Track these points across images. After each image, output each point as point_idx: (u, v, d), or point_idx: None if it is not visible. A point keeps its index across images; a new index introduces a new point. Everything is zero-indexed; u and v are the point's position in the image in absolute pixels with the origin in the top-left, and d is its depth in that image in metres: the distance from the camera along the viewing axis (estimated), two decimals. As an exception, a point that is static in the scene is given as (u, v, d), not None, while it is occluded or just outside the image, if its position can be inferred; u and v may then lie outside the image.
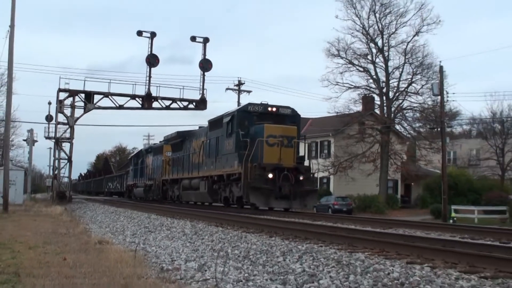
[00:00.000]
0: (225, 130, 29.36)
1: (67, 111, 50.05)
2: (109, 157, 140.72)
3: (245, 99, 58.56)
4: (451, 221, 31.78)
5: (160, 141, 50.83)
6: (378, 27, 53.65)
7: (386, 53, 53.53)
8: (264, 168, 26.06)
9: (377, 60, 54.00)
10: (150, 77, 50.42)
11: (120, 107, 50.89)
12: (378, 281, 7.62)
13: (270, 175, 25.82)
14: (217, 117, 32.20)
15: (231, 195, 28.95)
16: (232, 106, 43.07)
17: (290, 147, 27.09)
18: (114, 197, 72.12)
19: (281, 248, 11.49)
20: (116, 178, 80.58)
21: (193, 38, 51.38)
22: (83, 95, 50.15)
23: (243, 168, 26.01)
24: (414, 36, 52.41)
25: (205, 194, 32.42)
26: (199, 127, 38.69)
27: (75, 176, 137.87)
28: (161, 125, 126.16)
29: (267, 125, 26.90)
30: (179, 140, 39.94)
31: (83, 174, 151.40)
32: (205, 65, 51.18)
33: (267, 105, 28.61)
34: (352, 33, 54.02)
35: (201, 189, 33.03)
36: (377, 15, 53.46)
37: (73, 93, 49.96)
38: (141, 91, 50.85)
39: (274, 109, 28.38)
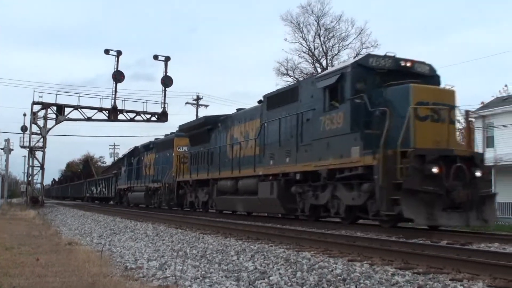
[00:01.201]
0: (321, 100, 17.26)
1: (40, 122, 49.75)
2: (90, 159, 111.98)
3: (203, 112, 58.45)
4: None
5: (166, 135, 39.54)
6: (323, 49, 54.22)
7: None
8: (422, 158, 13.89)
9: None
10: (116, 91, 50.37)
11: (89, 119, 50.51)
12: (322, 277, 7.61)
13: (435, 169, 13.72)
14: (285, 87, 22.49)
15: (337, 203, 16.69)
16: (191, 120, 40.07)
17: (451, 123, 15.27)
18: (97, 204, 56.95)
19: (235, 248, 11.43)
20: (101, 181, 63.44)
21: (155, 57, 51.91)
22: (55, 107, 49.81)
23: (380, 156, 14.09)
24: (354, 57, 52.87)
25: (274, 201, 19.67)
26: (237, 109, 26.30)
27: (48, 181, 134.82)
28: (125, 135, 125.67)
29: (415, 86, 14.98)
30: (205, 129, 27.58)
31: (56, 179, 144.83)
32: (167, 81, 51.46)
33: (398, 59, 16.58)
34: (299, 54, 54.45)
35: (262, 193, 20.37)
36: (322, 38, 54.03)
37: (45, 106, 49.57)
38: (107, 104, 50.69)
39: (408, 63, 16.50)
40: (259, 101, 22.52)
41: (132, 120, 51.79)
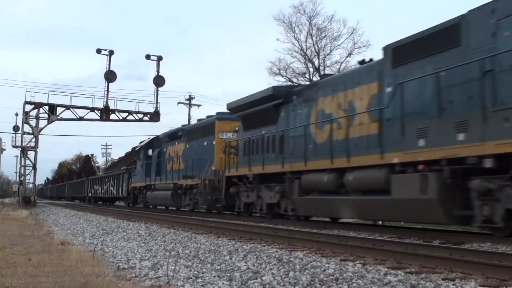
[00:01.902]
0: None
1: (32, 122, 49.64)
2: (91, 157, 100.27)
3: (195, 112, 58.18)
4: (380, 222, 32.06)
5: (200, 119, 32.36)
6: (315, 49, 54.25)
7: (322, 72, 54.06)
8: None
9: (314, 78, 54.53)
10: (108, 91, 50.19)
11: (81, 118, 50.35)
12: (315, 276, 7.60)
13: None
14: (428, 29, 13.37)
15: None
16: (184, 119, 39.72)
17: None
18: (100, 206, 50.52)
19: (228, 248, 11.41)
20: (108, 179, 53.93)
21: (147, 56, 51.84)
22: (47, 107, 49.67)
23: None
24: (346, 57, 53.16)
25: (428, 204, 12.55)
26: (321, 76, 19.79)
27: (41, 180, 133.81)
28: (118, 135, 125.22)
29: None
30: (270, 105, 20.53)
31: (49, 178, 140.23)
32: (159, 81, 51.42)
33: None
34: (292, 54, 54.46)
35: (401, 191, 13.23)
36: (314, 38, 54.06)
37: (38, 105, 49.44)
38: (100, 104, 50.47)
39: None
40: (362, 62, 16.99)
41: (124, 120, 51.70)
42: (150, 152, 37.54)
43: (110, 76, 50.16)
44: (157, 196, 34.10)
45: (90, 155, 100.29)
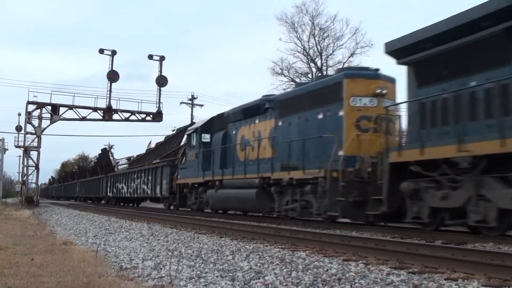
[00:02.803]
0: None
1: (35, 122, 49.82)
2: (109, 149, 79.72)
3: (198, 112, 57.96)
4: (382, 222, 31.94)
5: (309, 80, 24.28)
6: (317, 49, 54.28)
7: (324, 72, 54.03)
8: None
9: (324, 78, 54.56)
10: (110, 91, 50.41)
11: (83, 118, 50.43)
12: (318, 276, 7.60)
13: None
14: None
15: None
16: (187, 119, 37.87)
17: None
18: (123, 207, 43.18)
19: (231, 248, 11.42)
20: (137, 174, 42.18)
21: (150, 56, 52.06)
22: (49, 107, 49.75)
23: None
24: (349, 57, 53.10)
25: None
26: None
27: (44, 179, 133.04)
28: (120, 135, 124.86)
29: None
30: (500, 29, 11.57)
31: (53, 177, 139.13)
32: (161, 81, 51.53)
33: None
34: (294, 54, 54.50)
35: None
36: (316, 38, 54.10)
37: (40, 105, 49.54)
38: (102, 104, 50.75)
39: None
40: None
41: (127, 119, 51.73)
42: (207, 137, 28.04)
43: (112, 76, 50.35)
44: (228, 196, 24.24)
45: (108, 148, 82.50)
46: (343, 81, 17.64)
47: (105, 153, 75.86)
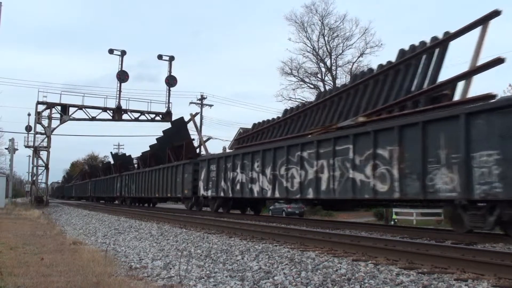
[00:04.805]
0: None
1: (45, 122, 50.12)
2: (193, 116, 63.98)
3: (207, 112, 57.93)
4: (392, 222, 31.92)
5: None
6: (327, 48, 54.35)
7: (334, 72, 54.17)
8: None
9: (326, 78, 54.69)
10: (120, 91, 50.80)
11: (93, 118, 50.74)
12: (327, 277, 7.60)
13: None
14: None
15: None
16: (196, 119, 37.09)
17: None
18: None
19: (240, 248, 11.43)
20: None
21: (159, 56, 52.32)
22: (59, 107, 50.14)
23: None
24: (359, 57, 53.27)
25: None
26: None
27: (55, 179, 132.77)
28: (130, 135, 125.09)
29: None
30: None
31: (65, 176, 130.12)
32: (171, 81, 51.80)
33: None
34: (304, 54, 54.63)
35: None
36: (326, 38, 54.18)
37: (50, 106, 49.88)
38: (112, 104, 51.18)
39: None
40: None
41: (136, 119, 51.99)
42: None
43: (122, 76, 50.63)
44: None
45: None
46: None
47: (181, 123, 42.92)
